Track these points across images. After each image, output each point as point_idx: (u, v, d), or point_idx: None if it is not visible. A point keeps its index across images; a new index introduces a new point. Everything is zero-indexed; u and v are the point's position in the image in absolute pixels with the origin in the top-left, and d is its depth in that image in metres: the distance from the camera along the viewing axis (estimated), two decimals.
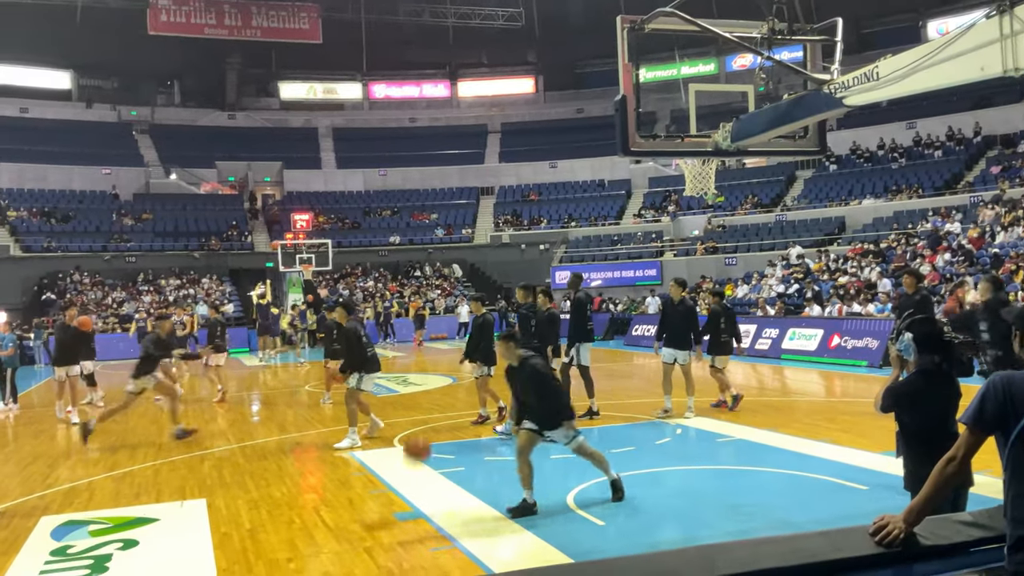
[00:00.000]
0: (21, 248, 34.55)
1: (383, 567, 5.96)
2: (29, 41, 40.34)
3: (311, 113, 48.12)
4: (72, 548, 6.75)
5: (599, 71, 43.95)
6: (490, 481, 8.66)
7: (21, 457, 11.00)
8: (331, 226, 39.65)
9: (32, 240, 34.94)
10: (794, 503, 7.25)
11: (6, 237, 34.79)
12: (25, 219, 36.20)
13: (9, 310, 26.49)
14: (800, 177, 37.16)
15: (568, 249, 37.47)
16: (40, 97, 43.31)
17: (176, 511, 7.80)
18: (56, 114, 43.04)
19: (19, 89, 42.74)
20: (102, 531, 7.17)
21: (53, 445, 12.03)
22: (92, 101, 44.69)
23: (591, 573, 2.47)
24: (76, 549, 6.72)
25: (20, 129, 40.77)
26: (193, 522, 7.36)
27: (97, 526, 7.30)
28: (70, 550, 6.70)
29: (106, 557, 6.44)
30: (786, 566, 2.49)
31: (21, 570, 6.23)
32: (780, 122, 7.48)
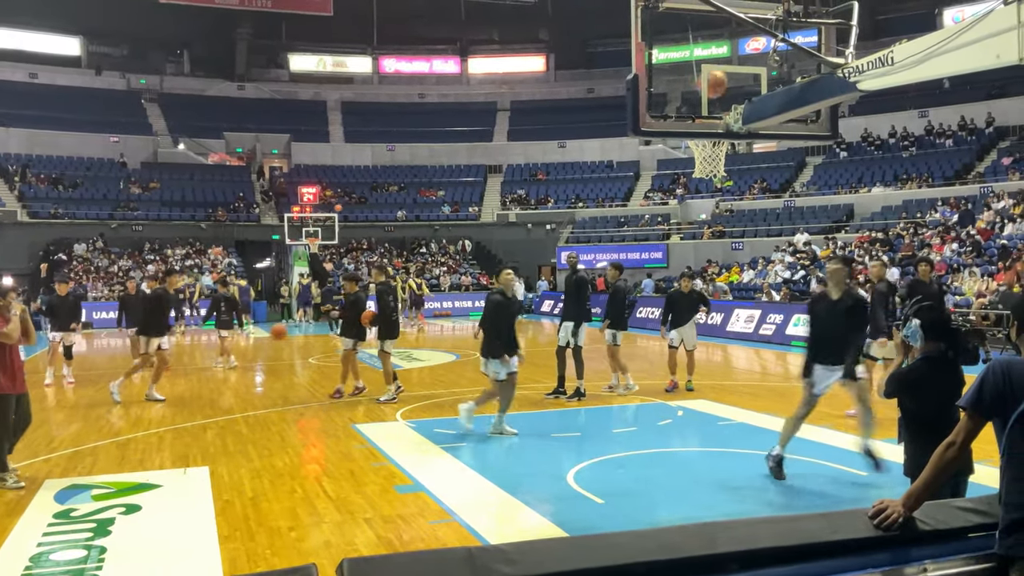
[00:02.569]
0: (28, 214, 34.59)
1: (383, 538, 6.01)
2: (39, 6, 40.23)
3: (320, 86, 47.94)
4: (75, 511, 6.81)
5: (611, 51, 43.65)
6: (491, 457, 8.70)
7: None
8: (338, 200, 39.62)
9: (39, 206, 34.98)
10: (793, 487, 7.28)
11: (14, 203, 34.84)
12: (33, 185, 36.21)
13: (16, 275, 26.60)
14: (810, 163, 37.00)
15: (574, 230, 37.42)
16: (50, 63, 43.20)
17: (179, 478, 7.87)
18: (66, 80, 42.94)
19: (29, 54, 42.66)
20: (105, 495, 7.23)
21: (57, 409, 12.11)
22: (101, 68, 44.59)
23: (591, 547, 2.49)
24: (79, 512, 6.77)
25: (29, 95, 40.73)
26: (196, 489, 7.42)
27: (100, 490, 7.36)
28: (73, 513, 6.76)
29: (109, 521, 6.50)
30: (785, 545, 2.51)
31: (25, 532, 6.29)
32: (792, 105, 7.44)
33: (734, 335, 21.97)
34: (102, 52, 45.76)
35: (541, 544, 2.71)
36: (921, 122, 35.30)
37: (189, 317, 28.83)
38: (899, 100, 34.74)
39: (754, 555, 2.45)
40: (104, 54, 45.76)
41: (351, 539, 5.99)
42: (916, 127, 35.26)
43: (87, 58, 45.16)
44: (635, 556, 2.41)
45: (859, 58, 6.91)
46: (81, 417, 11.41)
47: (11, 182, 36.02)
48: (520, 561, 2.31)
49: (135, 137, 41.19)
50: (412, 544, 5.90)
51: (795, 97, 7.37)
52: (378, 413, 11.17)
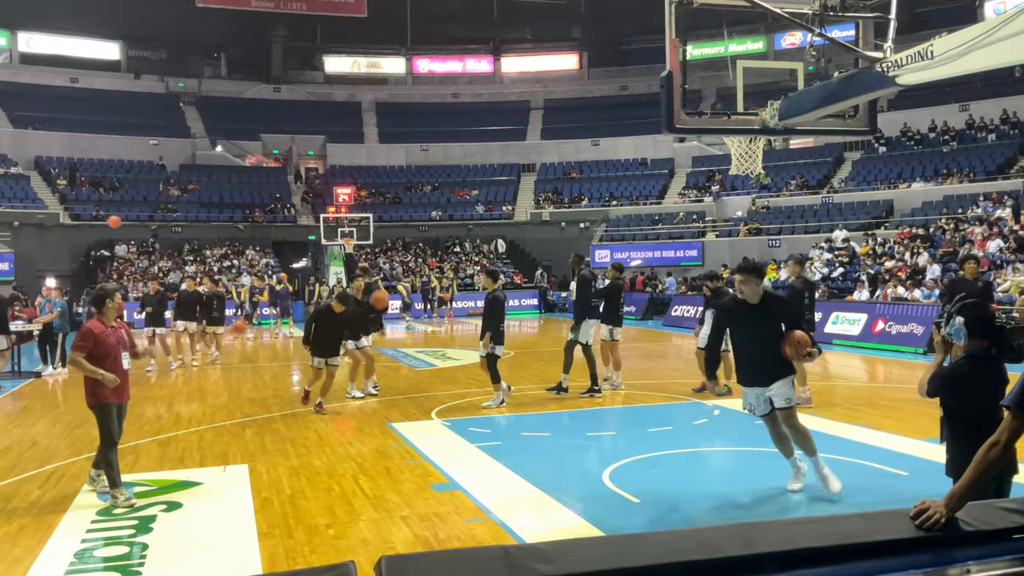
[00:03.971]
0: (70, 216, 35.28)
1: (419, 536, 6.04)
2: (80, 11, 41.01)
3: (355, 87, 48.30)
4: (117, 508, 6.93)
5: (644, 48, 43.46)
6: (526, 456, 8.71)
7: (70, 419, 11.30)
8: (373, 200, 39.88)
9: (81, 208, 35.64)
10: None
11: (56, 205, 35.54)
12: (75, 188, 36.89)
13: (58, 276, 27.15)
14: (848, 159, 36.49)
15: (608, 228, 37.28)
16: (90, 67, 44.01)
17: (219, 476, 7.98)
18: (105, 84, 43.71)
19: (69, 59, 43.50)
20: (147, 493, 7.36)
21: None
22: (140, 72, 45.33)
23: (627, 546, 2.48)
24: (122, 510, 6.90)
25: (70, 99, 41.55)
26: (235, 487, 7.53)
27: (142, 488, 7.49)
28: (116, 510, 6.89)
29: (150, 518, 6.61)
30: (823, 546, 2.48)
31: (69, 528, 6.42)
32: (830, 101, 7.34)
33: None
34: (141, 56, 46.52)
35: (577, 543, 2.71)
36: (962, 116, 34.64)
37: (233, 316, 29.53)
38: (939, 94, 34.11)
39: (792, 555, 2.43)
40: (143, 58, 46.51)
41: (388, 537, 6.04)
42: (957, 121, 34.62)
43: (126, 62, 45.92)
44: (672, 556, 2.40)
45: (898, 52, 6.80)
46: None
47: (53, 185, 36.74)
48: (556, 560, 2.31)
49: (174, 140, 41.80)
50: (448, 542, 5.93)
51: (832, 92, 7.28)
52: (413, 412, 11.23)
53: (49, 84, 42.09)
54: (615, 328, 12.74)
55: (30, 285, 26.91)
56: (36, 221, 33.85)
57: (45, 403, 13.02)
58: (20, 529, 6.41)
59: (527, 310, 33.50)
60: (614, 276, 12.99)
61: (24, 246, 31.82)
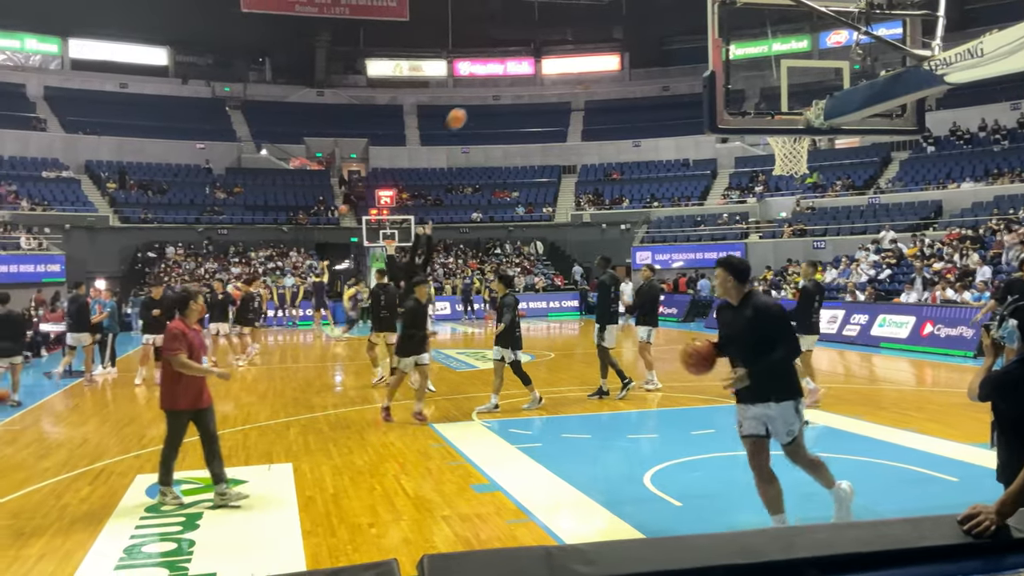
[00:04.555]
0: (120, 219, 36.03)
1: (460, 536, 6.07)
2: (129, 18, 41.93)
3: (397, 90, 48.67)
4: (165, 506, 7.08)
5: (687, 48, 43.13)
6: (566, 457, 8.69)
7: (119, 418, 11.55)
8: (414, 202, 40.14)
9: (130, 211, 36.39)
10: (878, 492, 7.06)
11: (106, 208, 36.32)
12: (123, 191, 37.68)
13: (108, 278, 27.77)
14: (896, 159, 35.83)
15: (649, 229, 37.07)
16: (138, 73, 44.93)
17: (264, 474, 8.09)
18: (153, 90, 44.61)
19: (119, 65, 44.45)
20: (194, 490, 7.49)
21: (148, 407, 12.57)
22: (187, 77, 46.17)
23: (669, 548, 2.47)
24: (169, 507, 7.04)
25: (120, 104, 42.49)
26: (279, 485, 7.63)
27: (189, 485, 7.63)
28: (163, 507, 7.03)
29: (197, 515, 6.73)
30: (868, 551, 2.44)
31: (119, 525, 6.56)
32: (876, 100, 7.23)
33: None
34: (188, 61, 47.39)
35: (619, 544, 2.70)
36: (1013, 114, 33.81)
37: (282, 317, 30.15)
38: (989, 92, 33.32)
39: (835, 560, 2.40)
40: (190, 63, 47.37)
41: (429, 536, 6.08)
42: (1008, 120, 33.80)
43: (174, 67, 46.81)
44: (713, 559, 2.39)
45: (946, 50, 6.68)
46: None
47: (103, 188, 37.55)
48: (598, 561, 2.31)
49: (220, 143, 42.50)
50: (489, 543, 5.95)
51: (879, 91, 7.17)
52: (453, 413, 11.28)
53: (99, 89, 43.10)
54: (652, 329, 12.72)
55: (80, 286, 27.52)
56: (87, 224, 34.65)
57: (95, 402, 13.31)
58: (71, 525, 6.57)
59: (567, 312, 33.45)
60: (648, 277, 12.91)
61: (75, 248, 32.56)
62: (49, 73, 43.94)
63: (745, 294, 5.62)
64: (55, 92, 42.30)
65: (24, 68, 43.58)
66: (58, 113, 41.09)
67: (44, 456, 9.21)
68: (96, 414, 12.10)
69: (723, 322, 5.84)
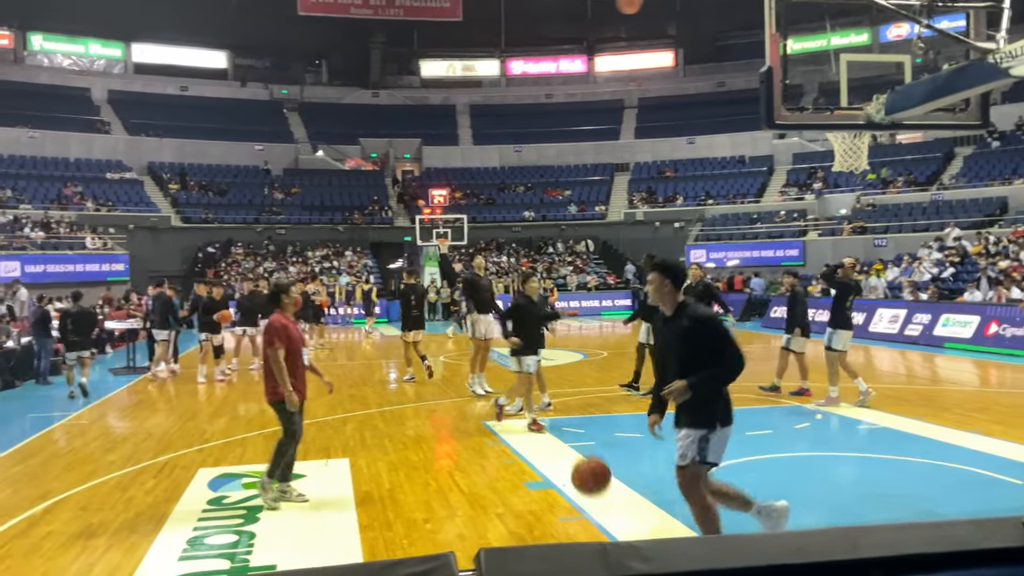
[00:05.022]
0: (181, 219, 36.90)
1: (514, 533, 6.10)
2: (189, 22, 43.00)
3: (450, 90, 48.97)
4: (227, 499, 7.24)
5: (742, 43, 42.59)
6: (620, 456, 8.65)
7: (181, 413, 11.84)
8: (467, 201, 40.33)
9: (191, 212, 37.25)
10: (941, 494, 6.91)
11: (168, 209, 37.23)
12: (184, 192, 38.58)
13: (170, 278, 28.43)
14: (959, 154, 34.87)
15: (704, 227, 36.67)
16: (199, 76, 46.01)
17: (321, 469, 8.22)
18: (213, 92, 45.60)
19: (180, 68, 45.57)
20: (254, 484, 7.63)
21: (209, 403, 12.87)
22: (246, 80, 47.11)
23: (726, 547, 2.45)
24: (230, 500, 7.20)
25: (181, 107, 43.53)
26: (337, 480, 7.75)
27: (250, 479, 7.78)
28: (225, 500, 7.19)
29: (257, 508, 6.87)
30: (932, 552, 2.39)
31: (181, 516, 6.74)
32: (939, 94, 7.06)
33: (877, 336, 21.00)
34: (247, 64, 48.35)
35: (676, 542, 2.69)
36: None
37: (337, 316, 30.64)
38: None
39: (899, 561, 2.36)
40: (248, 66, 48.32)
41: (483, 532, 6.12)
42: None
43: (233, 71, 47.79)
44: (772, 558, 2.36)
45: (1012, 42, 6.49)
46: (230, 411, 12.09)
47: (165, 189, 38.50)
48: (654, 559, 2.30)
49: (278, 145, 43.27)
50: (543, 540, 5.96)
51: (942, 85, 7.00)
52: (507, 411, 11.29)
53: (161, 92, 44.24)
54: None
55: (142, 285, 28.27)
56: (149, 224, 35.57)
57: (159, 397, 13.66)
58: (136, 516, 6.76)
59: (620, 311, 33.27)
60: (699, 276, 12.75)
61: (138, 248, 33.44)
62: (113, 77, 45.20)
63: (679, 303, 5.09)
64: (118, 95, 43.53)
65: (89, 72, 44.90)
66: (121, 116, 42.26)
67: (110, 450, 9.49)
68: (160, 409, 12.43)
69: (656, 331, 5.46)
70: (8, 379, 15.01)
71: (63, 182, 35.83)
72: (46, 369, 15.67)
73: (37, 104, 39.25)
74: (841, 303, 11.42)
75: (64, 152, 38.26)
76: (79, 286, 26.91)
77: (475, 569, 2.22)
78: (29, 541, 6.20)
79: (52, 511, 6.99)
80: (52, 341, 15.78)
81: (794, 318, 12.13)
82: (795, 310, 12.20)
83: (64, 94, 41.91)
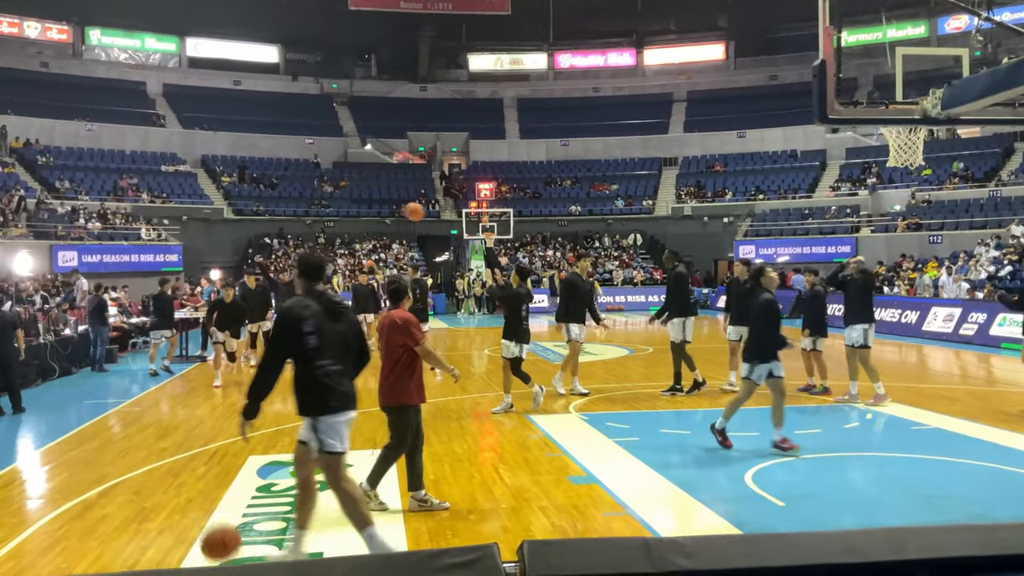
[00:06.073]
0: (233, 211, 37.54)
1: (557, 526, 6.11)
2: (242, 17, 43.75)
3: (497, 84, 49.02)
4: (275, 486, 7.37)
5: (794, 35, 41.86)
6: (665, 453, 8.63)
7: (232, 401, 12.07)
8: (513, 195, 40.34)
9: (243, 204, 37.87)
10: (995, 498, 6.75)
11: (221, 201, 37.91)
12: (236, 184, 39.23)
13: (222, 267, 28.98)
14: (1019, 150, 33.88)
15: (753, 223, 36.19)
16: (251, 71, 46.71)
17: (368, 458, 8.30)
18: (265, 86, 46.29)
19: (233, 63, 46.33)
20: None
21: None
22: (297, 74, 47.69)
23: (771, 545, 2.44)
24: (279, 487, 7.32)
25: (234, 100, 44.27)
26: None
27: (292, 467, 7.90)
28: (274, 488, 7.32)
29: None
30: (981, 555, 2.35)
31: (232, 502, 6.88)
32: (998, 88, 6.88)
33: (931, 335, 20.56)
34: (298, 59, 48.93)
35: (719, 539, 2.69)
36: None
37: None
38: None
39: (945, 564, 2.32)
40: (299, 60, 48.89)
41: (527, 525, 6.14)
42: None
43: (284, 65, 48.42)
44: (817, 557, 2.35)
45: None
46: (280, 399, 12.27)
47: (218, 182, 39.19)
48: (697, 555, 2.30)
49: (327, 139, 43.76)
50: (586, 534, 5.97)
51: (1001, 79, 6.82)
52: (550, 405, 11.32)
53: (214, 87, 45.00)
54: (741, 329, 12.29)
55: (196, 276, 28.86)
56: (203, 216, 36.27)
57: (209, 385, 13.92)
58: (188, 502, 6.92)
59: None
60: (742, 273, 12.58)
61: (191, 239, 34.12)
62: (167, 71, 46.11)
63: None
64: (173, 89, 44.39)
65: (144, 67, 45.86)
66: (176, 109, 43.11)
67: (163, 436, 9.72)
68: (211, 397, 12.68)
69: None
70: (65, 366, 15.46)
71: (119, 174, 36.66)
72: (102, 356, 16.12)
73: (94, 98, 40.23)
74: (866, 298, 11.26)
75: (120, 145, 39.16)
76: (134, 276, 27.67)
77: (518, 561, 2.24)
78: (85, 524, 6.39)
79: (107, 495, 7.19)
80: (108, 329, 16.27)
81: (811, 317, 12.00)
82: (813, 309, 12.07)
83: (120, 88, 42.91)
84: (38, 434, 10.39)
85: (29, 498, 7.44)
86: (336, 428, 5.16)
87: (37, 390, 13.59)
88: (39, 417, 11.41)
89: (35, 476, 8.32)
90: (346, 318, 5.34)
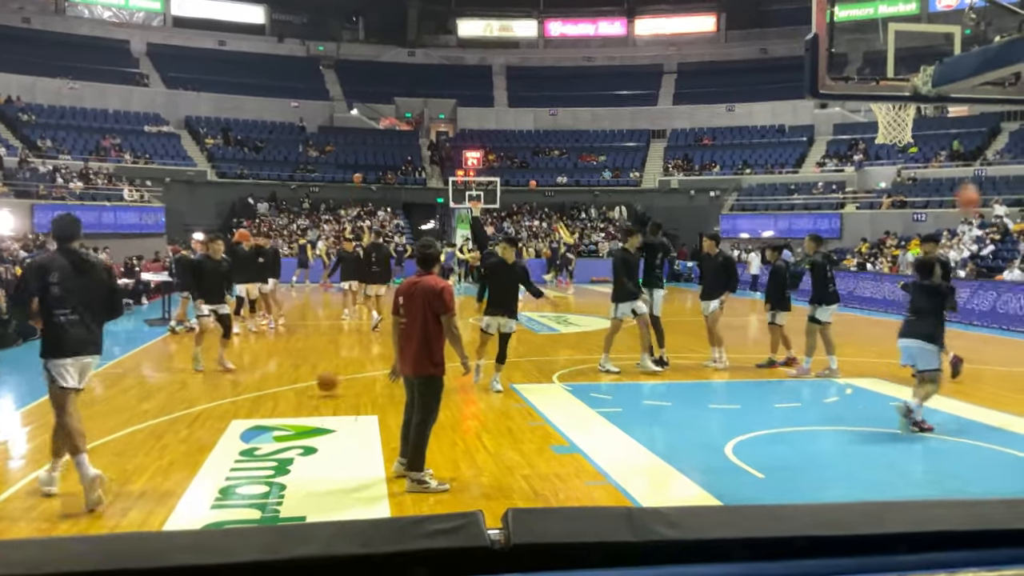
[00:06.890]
0: (217, 174, 37.19)
1: (540, 494, 6.16)
2: None
3: (486, 51, 48.56)
4: (258, 450, 7.38)
5: (786, 8, 41.65)
6: (647, 424, 8.70)
7: (214, 366, 12.00)
8: (500, 164, 40.16)
9: (227, 167, 37.50)
10: (974, 475, 6.87)
11: (204, 163, 37.53)
12: (221, 147, 38.83)
13: (205, 231, 28.74)
14: (1005, 129, 34.03)
15: (740, 197, 36.23)
16: (237, 31, 46.00)
17: (351, 425, 8.34)
18: (250, 48, 45.64)
19: (218, 23, 45.61)
20: (285, 437, 7.78)
21: (239, 357, 13.04)
22: (283, 36, 47.04)
23: (752, 516, 2.46)
24: (262, 451, 7.33)
25: (219, 61, 43.64)
26: (366, 436, 7.87)
27: (281, 432, 7.93)
28: (256, 452, 7.33)
29: (288, 460, 7.00)
30: (960, 530, 2.38)
31: (215, 466, 6.88)
32: (989, 67, 6.87)
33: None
34: (284, 20, 48.24)
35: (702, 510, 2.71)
36: None
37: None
38: None
39: (925, 537, 2.35)
40: (286, 22, 48.21)
41: (509, 493, 6.19)
42: None
43: (270, 26, 47.74)
44: (798, 529, 2.36)
45: None
46: (263, 365, 12.26)
47: (202, 143, 38.75)
48: (681, 525, 2.31)
49: (313, 102, 43.27)
50: (568, 503, 6.02)
51: (992, 58, 6.81)
52: (535, 375, 11.37)
53: (199, 47, 44.29)
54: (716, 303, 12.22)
55: (179, 238, 28.61)
56: (186, 178, 35.90)
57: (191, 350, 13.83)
58: (170, 464, 6.92)
59: None
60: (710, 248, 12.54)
61: (174, 201, 33.77)
62: (152, 30, 45.35)
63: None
64: (157, 49, 43.71)
65: (128, 25, 45.06)
66: (160, 69, 42.48)
67: (145, 399, 9.69)
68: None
69: None
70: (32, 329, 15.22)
71: (102, 134, 36.17)
72: None
73: (77, 55, 39.55)
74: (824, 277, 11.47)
75: (103, 104, 38.60)
76: (116, 238, 27.40)
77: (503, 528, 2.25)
78: (66, 485, 6.37)
79: (88, 456, 7.15)
80: None
81: (771, 291, 12.11)
82: (773, 283, 12.20)
83: (104, 45, 42.17)
84: (19, 395, 10.33)
85: (10, 459, 7.41)
86: (66, 368, 5.83)
87: (18, 350, 13.48)
88: (19, 377, 11.34)
89: (16, 437, 8.28)
90: (93, 274, 5.99)
